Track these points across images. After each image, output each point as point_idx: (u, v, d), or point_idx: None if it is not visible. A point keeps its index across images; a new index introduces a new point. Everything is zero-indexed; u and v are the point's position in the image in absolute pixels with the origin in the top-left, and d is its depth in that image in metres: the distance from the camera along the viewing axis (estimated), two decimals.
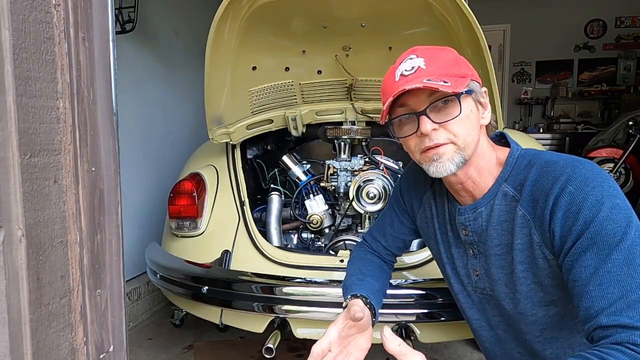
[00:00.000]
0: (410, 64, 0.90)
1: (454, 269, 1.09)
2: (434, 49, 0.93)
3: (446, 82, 0.85)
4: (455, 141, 0.89)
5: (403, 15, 1.75)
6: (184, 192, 1.92)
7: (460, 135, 0.88)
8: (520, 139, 2.19)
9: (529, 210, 0.89)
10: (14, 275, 0.46)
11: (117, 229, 0.59)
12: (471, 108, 0.91)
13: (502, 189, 0.93)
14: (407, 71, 0.89)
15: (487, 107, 0.95)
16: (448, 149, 0.89)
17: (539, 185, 0.87)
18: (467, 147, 0.90)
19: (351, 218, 2.12)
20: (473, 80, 0.91)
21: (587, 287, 0.77)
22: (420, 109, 0.89)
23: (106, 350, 0.57)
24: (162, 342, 2.35)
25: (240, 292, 1.60)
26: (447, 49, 0.94)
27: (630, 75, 6.51)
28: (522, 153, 0.95)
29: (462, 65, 0.92)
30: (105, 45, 0.56)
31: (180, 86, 3.31)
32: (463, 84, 0.87)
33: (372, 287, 1.11)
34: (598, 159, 5.11)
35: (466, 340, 2.13)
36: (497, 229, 0.95)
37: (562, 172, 0.85)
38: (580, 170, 0.83)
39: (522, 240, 0.91)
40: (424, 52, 0.91)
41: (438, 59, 0.90)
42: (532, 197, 0.88)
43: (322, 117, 2.17)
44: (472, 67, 0.95)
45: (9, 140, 0.45)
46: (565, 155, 0.92)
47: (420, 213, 1.16)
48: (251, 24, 1.73)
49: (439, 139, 0.89)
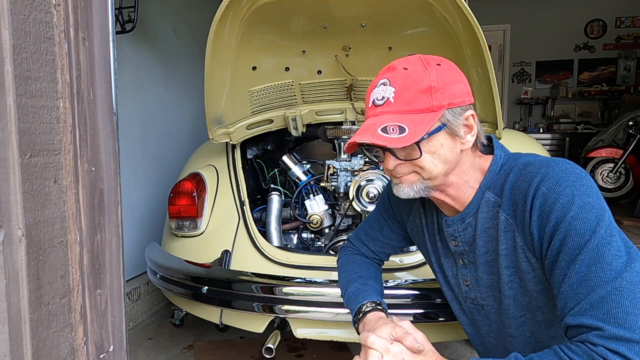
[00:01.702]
0: (382, 92, 0.87)
1: (445, 278, 1.10)
2: (411, 71, 0.86)
3: (403, 129, 0.82)
4: (420, 172, 0.89)
5: (403, 15, 1.75)
6: (184, 192, 1.92)
7: (426, 169, 0.88)
8: (520, 139, 2.20)
9: (510, 214, 0.89)
10: (14, 275, 0.46)
11: (117, 229, 0.59)
12: (442, 142, 0.87)
13: (485, 197, 0.93)
14: (377, 100, 0.88)
15: (472, 130, 0.90)
16: (410, 177, 0.90)
17: (517, 187, 0.88)
18: (434, 178, 0.89)
19: (351, 218, 2.12)
20: (452, 107, 0.86)
21: (561, 288, 0.79)
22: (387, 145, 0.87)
23: (106, 350, 0.57)
24: (162, 342, 2.35)
25: (240, 292, 1.60)
26: (427, 70, 0.86)
27: (630, 75, 6.52)
28: (505, 159, 0.95)
29: (436, 96, 0.85)
30: (105, 45, 0.56)
31: (180, 86, 3.31)
32: (429, 124, 0.84)
33: (377, 289, 1.12)
34: (598, 159, 5.12)
35: (466, 340, 2.13)
36: (482, 237, 0.95)
37: (537, 173, 0.85)
38: (553, 170, 0.83)
39: (507, 245, 0.91)
40: (397, 79, 0.86)
41: (409, 91, 0.85)
42: (512, 200, 0.88)
43: (322, 117, 2.17)
44: (456, 87, 0.88)
45: (9, 140, 0.45)
46: (542, 156, 0.91)
47: (410, 222, 1.16)
48: (251, 24, 1.73)
49: (403, 172, 0.90)
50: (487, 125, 1.81)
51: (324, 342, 1.71)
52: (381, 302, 1.06)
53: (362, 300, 1.06)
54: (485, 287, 0.99)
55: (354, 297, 1.10)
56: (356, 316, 1.05)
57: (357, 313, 1.05)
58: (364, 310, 1.04)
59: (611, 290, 0.73)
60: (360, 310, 1.05)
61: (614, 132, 5.10)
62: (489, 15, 5.97)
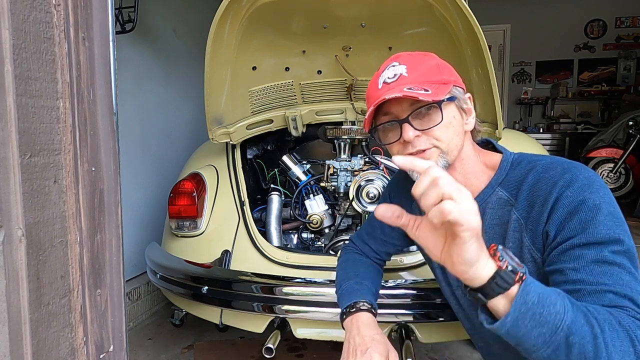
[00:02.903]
0: (393, 71, 0.91)
1: (444, 273, 1.10)
2: (416, 56, 0.93)
3: (427, 90, 0.85)
4: (439, 145, 0.89)
5: (403, 15, 1.75)
6: (184, 192, 1.92)
7: (443, 140, 0.89)
8: (520, 139, 2.20)
9: (524, 214, 0.89)
10: (14, 275, 0.46)
11: (117, 229, 0.59)
12: (454, 115, 0.91)
13: (496, 193, 0.93)
14: (389, 79, 0.90)
15: (471, 113, 0.95)
16: (432, 153, 0.90)
17: (537, 189, 0.87)
18: (450, 151, 0.90)
19: (351, 218, 2.12)
20: (456, 86, 0.92)
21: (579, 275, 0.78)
22: (403, 117, 0.89)
23: (106, 350, 0.57)
24: (162, 342, 2.35)
25: (240, 292, 1.60)
26: (430, 55, 0.94)
27: (630, 75, 6.52)
28: (516, 157, 0.96)
29: (444, 72, 0.92)
30: (105, 45, 0.55)
31: (180, 86, 3.31)
32: (444, 92, 0.87)
33: (371, 291, 1.12)
34: (598, 159, 5.12)
35: (466, 340, 2.13)
36: (488, 233, 0.95)
37: (561, 178, 0.85)
38: (578, 177, 0.84)
39: (513, 244, 0.91)
40: (406, 59, 0.92)
41: (420, 66, 0.90)
42: (529, 201, 0.88)
43: (322, 117, 2.17)
44: (455, 73, 0.95)
45: (9, 140, 0.45)
46: (562, 159, 0.92)
47: None
48: (251, 24, 1.73)
49: (421, 145, 0.89)
50: (487, 125, 1.81)
51: (324, 342, 1.71)
52: (372, 305, 1.06)
53: (358, 298, 1.06)
54: None
55: (347, 293, 1.11)
56: (348, 309, 1.05)
57: (350, 307, 1.05)
58: (359, 307, 1.04)
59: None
60: (355, 305, 1.05)
61: (614, 132, 5.11)
62: (489, 15, 5.97)
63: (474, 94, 1.78)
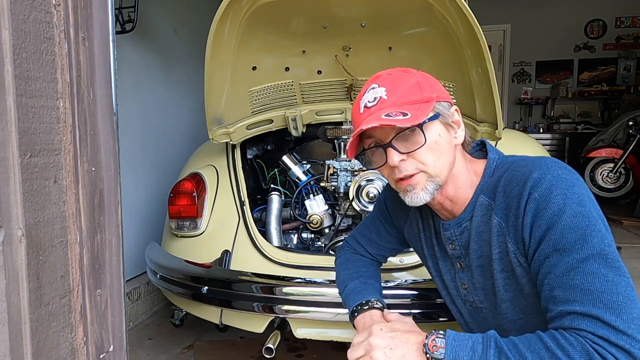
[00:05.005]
0: (373, 94, 0.89)
1: (443, 282, 1.10)
2: (396, 75, 0.91)
3: (406, 114, 0.84)
4: (425, 170, 0.88)
5: (403, 15, 1.75)
6: (184, 192, 1.92)
7: (429, 163, 0.88)
8: (520, 140, 2.20)
9: (503, 217, 0.88)
10: (14, 275, 0.46)
11: (117, 229, 0.59)
12: (439, 132, 0.89)
13: (479, 200, 0.93)
14: (369, 102, 0.89)
15: (459, 125, 0.93)
16: (420, 179, 0.89)
17: (510, 190, 0.87)
18: (438, 174, 0.89)
19: (351, 218, 2.12)
20: (440, 101, 0.89)
21: (553, 292, 0.78)
22: (387, 141, 0.88)
23: (106, 350, 0.57)
24: (162, 342, 2.35)
25: (240, 292, 1.60)
26: (410, 72, 0.92)
27: (630, 75, 6.52)
28: (499, 160, 0.95)
29: (425, 89, 0.89)
30: (105, 45, 0.55)
31: (180, 86, 3.31)
32: (426, 111, 0.85)
33: (378, 290, 1.12)
34: (598, 159, 5.12)
35: None
36: (476, 240, 0.95)
37: (529, 177, 0.84)
38: (546, 177, 0.82)
39: (499, 249, 0.90)
40: (385, 81, 0.90)
41: (400, 87, 0.88)
42: (505, 204, 0.88)
43: (322, 117, 2.17)
44: (438, 86, 0.93)
45: (9, 140, 0.45)
46: (532, 157, 0.90)
47: (407, 226, 1.16)
48: (251, 24, 1.73)
49: (408, 170, 0.88)
50: (487, 126, 1.81)
51: (324, 342, 1.71)
52: (384, 305, 1.07)
53: (370, 297, 1.07)
54: (482, 290, 0.99)
55: (355, 292, 1.10)
56: (360, 307, 1.05)
57: (363, 304, 1.05)
58: (372, 306, 1.04)
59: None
60: (368, 302, 1.05)
61: (614, 132, 5.10)
62: (489, 15, 5.96)
63: (474, 94, 1.79)
